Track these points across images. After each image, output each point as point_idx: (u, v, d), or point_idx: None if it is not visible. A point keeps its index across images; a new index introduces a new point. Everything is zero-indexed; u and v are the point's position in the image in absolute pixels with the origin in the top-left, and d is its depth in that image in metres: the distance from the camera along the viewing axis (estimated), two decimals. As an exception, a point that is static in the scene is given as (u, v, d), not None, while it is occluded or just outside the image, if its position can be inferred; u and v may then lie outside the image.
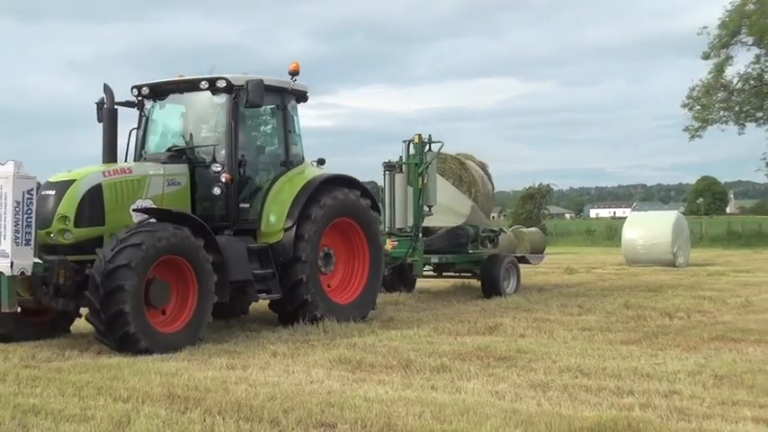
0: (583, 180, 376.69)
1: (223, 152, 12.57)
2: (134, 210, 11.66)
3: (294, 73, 13.46)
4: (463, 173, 20.04)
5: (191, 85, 12.89)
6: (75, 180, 11.42)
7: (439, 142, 17.55)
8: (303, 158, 13.92)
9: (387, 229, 17.19)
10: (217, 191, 12.45)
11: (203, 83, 12.65)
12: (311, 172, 13.70)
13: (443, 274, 19.32)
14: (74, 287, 10.80)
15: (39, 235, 10.62)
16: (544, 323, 13.19)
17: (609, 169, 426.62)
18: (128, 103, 13.34)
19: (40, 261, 10.50)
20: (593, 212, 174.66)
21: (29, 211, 10.22)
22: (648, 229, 29.97)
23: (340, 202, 13.45)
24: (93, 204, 11.42)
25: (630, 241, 30.25)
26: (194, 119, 13.31)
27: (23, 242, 10.16)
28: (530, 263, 21.10)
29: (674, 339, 11.48)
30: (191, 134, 13.16)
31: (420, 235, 17.36)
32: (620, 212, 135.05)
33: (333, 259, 13.73)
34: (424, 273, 18.55)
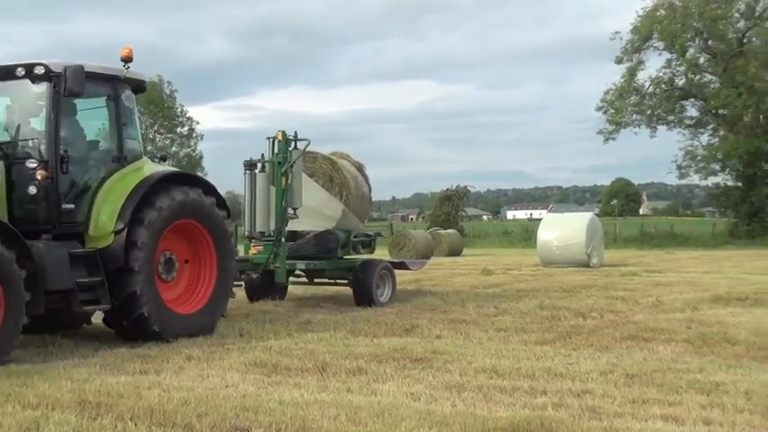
0: (500, 182, 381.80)
1: (42, 147, 11.25)
2: None
3: (127, 59, 12.20)
4: (334, 174, 18.71)
5: (7, 73, 11.51)
6: None
7: (305, 140, 16.19)
8: (141, 154, 12.67)
9: (247, 233, 16.15)
10: (33, 190, 11.10)
11: (20, 69, 11.35)
12: (149, 169, 12.43)
13: (315, 280, 18.02)
14: None
15: None
16: (460, 324, 13.27)
17: (527, 171, 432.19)
18: None
19: None
20: (510, 214, 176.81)
21: None
22: (563, 230, 30.41)
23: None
24: None
25: (546, 242, 30.64)
26: (12, 110, 11.91)
27: None
28: (409, 269, 20.00)
29: (587, 339, 11.66)
30: (9, 127, 11.74)
31: (283, 240, 16.02)
32: (536, 214, 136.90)
33: (175, 265, 12.37)
34: (296, 279, 17.73)
